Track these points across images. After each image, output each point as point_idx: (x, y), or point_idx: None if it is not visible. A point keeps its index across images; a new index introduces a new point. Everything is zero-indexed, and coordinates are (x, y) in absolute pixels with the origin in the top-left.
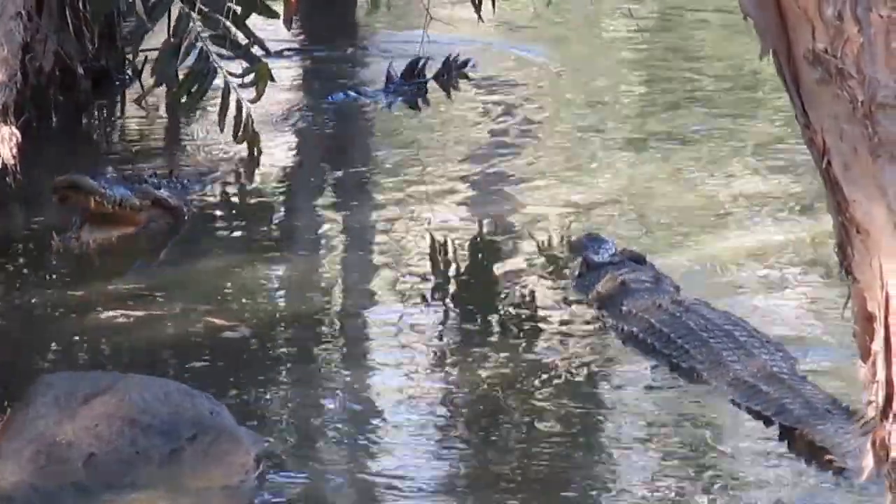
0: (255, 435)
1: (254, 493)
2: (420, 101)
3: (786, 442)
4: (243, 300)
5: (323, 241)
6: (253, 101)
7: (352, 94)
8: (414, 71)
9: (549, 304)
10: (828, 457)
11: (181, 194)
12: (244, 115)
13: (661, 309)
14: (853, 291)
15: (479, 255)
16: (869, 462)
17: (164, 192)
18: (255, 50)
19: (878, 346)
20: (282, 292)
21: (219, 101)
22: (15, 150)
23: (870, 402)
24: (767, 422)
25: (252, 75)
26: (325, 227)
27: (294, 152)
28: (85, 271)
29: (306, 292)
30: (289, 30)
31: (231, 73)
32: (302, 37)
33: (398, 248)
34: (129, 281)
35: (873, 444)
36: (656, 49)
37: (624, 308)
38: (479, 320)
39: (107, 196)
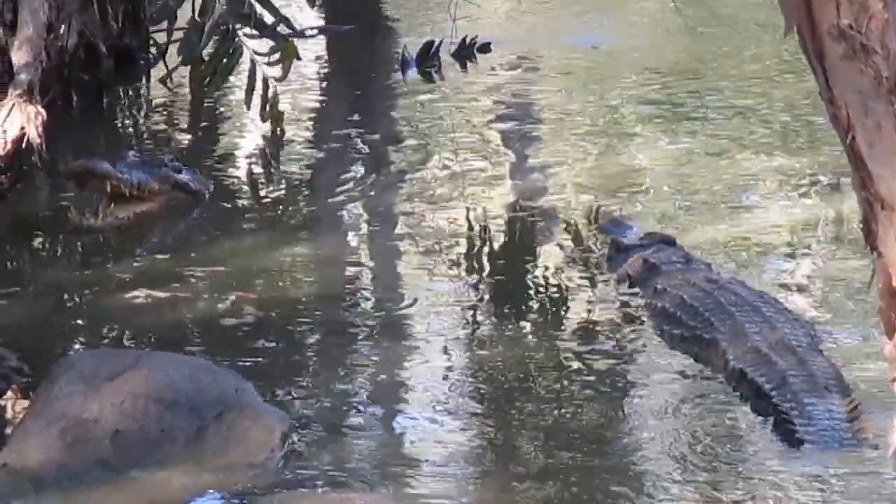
0: (281, 412)
1: (279, 470)
2: (437, 80)
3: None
4: (269, 279)
5: (349, 221)
6: (279, 80)
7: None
8: (428, 53)
9: (578, 284)
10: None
11: (201, 178)
12: (270, 93)
13: (695, 286)
14: (878, 267)
15: (507, 234)
16: (894, 439)
17: (184, 176)
18: (281, 28)
19: None
20: (307, 271)
21: (241, 81)
22: (41, 129)
23: (894, 379)
24: (763, 396)
25: (278, 54)
26: (351, 206)
27: (316, 132)
28: (110, 250)
29: (332, 271)
30: (312, 8)
31: (257, 53)
32: (325, 15)
33: (424, 227)
34: (154, 260)
35: None
36: (684, 28)
37: (658, 286)
38: (506, 300)
39: (124, 180)
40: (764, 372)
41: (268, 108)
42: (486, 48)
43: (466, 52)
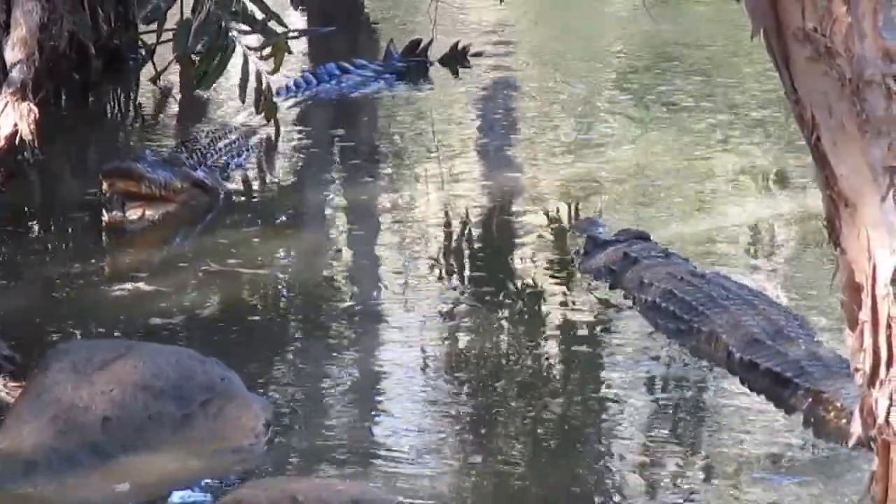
0: (264, 400)
1: (262, 456)
2: (421, 79)
3: (795, 412)
4: (255, 272)
5: (332, 217)
6: (271, 73)
7: (344, 68)
8: (414, 50)
9: (555, 277)
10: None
11: (215, 175)
12: (263, 86)
13: (682, 280)
14: (841, 263)
15: (488, 229)
16: (857, 428)
17: (201, 174)
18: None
19: (865, 315)
20: (292, 265)
21: (228, 80)
22: (34, 126)
23: (857, 370)
24: (785, 384)
25: (269, 48)
26: (338, 201)
27: (304, 129)
28: (100, 244)
29: (316, 265)
30: (296, 9)
31: (249, 48)
32: (308, 15)
33: (409, 222)
34: (143, 254)
35: (861, 410)
36: (657, 27)
37: (645, 280)
38: (486, 292)
39: (155, 181)
40: (778, 362)
41: (261, 100)
42: (477, 55)
43: (457, 57)
